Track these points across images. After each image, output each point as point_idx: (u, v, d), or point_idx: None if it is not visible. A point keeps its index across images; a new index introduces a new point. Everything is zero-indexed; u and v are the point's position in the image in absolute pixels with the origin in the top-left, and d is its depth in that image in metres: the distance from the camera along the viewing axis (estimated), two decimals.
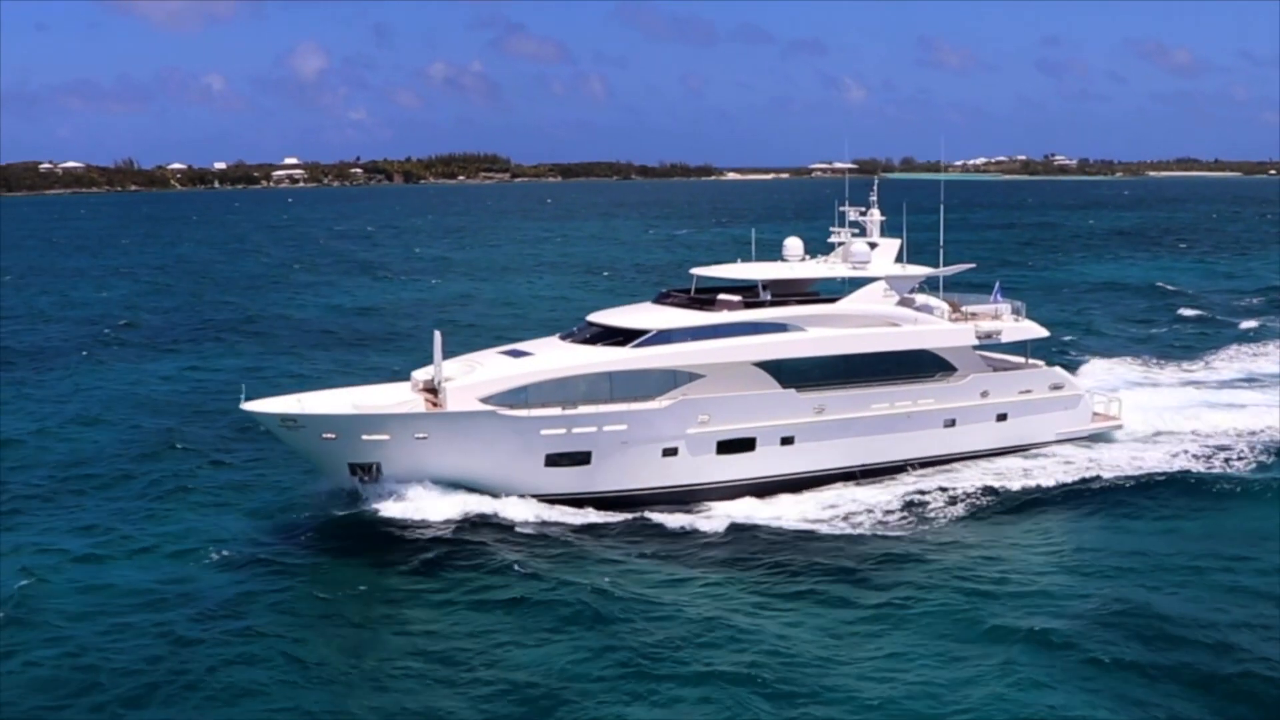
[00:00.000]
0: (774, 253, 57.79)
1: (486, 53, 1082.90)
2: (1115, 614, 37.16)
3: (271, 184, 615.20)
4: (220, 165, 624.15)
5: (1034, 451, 56.15)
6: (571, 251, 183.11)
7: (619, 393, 48.66)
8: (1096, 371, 72.22)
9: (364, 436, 46.31)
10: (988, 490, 50.91)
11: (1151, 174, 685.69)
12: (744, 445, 50.47)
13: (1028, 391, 56.49)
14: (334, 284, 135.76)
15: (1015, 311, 58.10)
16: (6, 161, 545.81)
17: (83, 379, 76.85)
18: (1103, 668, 33.64)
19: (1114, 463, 54.50)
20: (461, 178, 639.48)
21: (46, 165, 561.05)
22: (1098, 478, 52.44)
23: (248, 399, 47.12)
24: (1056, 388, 57.27)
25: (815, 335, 51.99)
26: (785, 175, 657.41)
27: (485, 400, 47.15)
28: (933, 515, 48.38)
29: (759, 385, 50.86)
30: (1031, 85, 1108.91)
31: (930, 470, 53.50)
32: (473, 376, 48.14)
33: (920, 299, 57.24)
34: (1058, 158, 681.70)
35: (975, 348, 55.72)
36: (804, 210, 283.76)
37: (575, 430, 47.76)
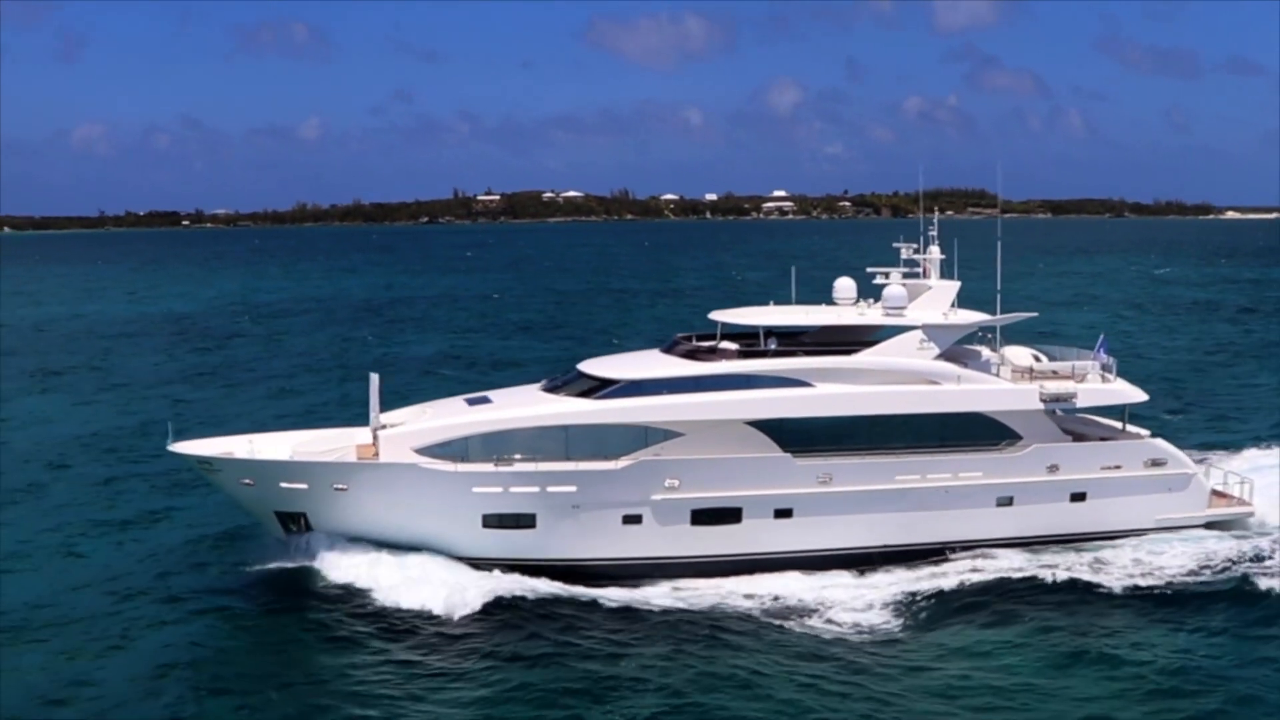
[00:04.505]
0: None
1: (960, 86, 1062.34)
2: None
3: (761, 215, 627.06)
4: (711, 196, 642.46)
5: (1124, 540, 46.05)
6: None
7: (576, 449, 43.11)
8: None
9: (283, 484, 43.19)
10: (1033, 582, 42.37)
11: None
12: (727, 516, 43.70)
13: (1115, 467, 46.11)
14: None
15: (1105, 369, 47.68)
16: (512, 191, 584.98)
17: None
18: None
19: (1214, 557, 44.15)
20: (950, 212, 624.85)
21: (549, 194, 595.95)
22: (1179, 572, 43.01)
23: (176, 439, 44.79)
24: (1157, 464, 46.40)
25: (824, 392, 44.30)
26: None
27: (420, 451, 42.94)
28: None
29: (753, 447, 43.87)
30: None
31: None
32: (413, 425, 44.10)
33: (991, 351, 48.31)
34: None
35: (1048, 411, 46.10)
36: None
37: (514, 490, 42.63)
